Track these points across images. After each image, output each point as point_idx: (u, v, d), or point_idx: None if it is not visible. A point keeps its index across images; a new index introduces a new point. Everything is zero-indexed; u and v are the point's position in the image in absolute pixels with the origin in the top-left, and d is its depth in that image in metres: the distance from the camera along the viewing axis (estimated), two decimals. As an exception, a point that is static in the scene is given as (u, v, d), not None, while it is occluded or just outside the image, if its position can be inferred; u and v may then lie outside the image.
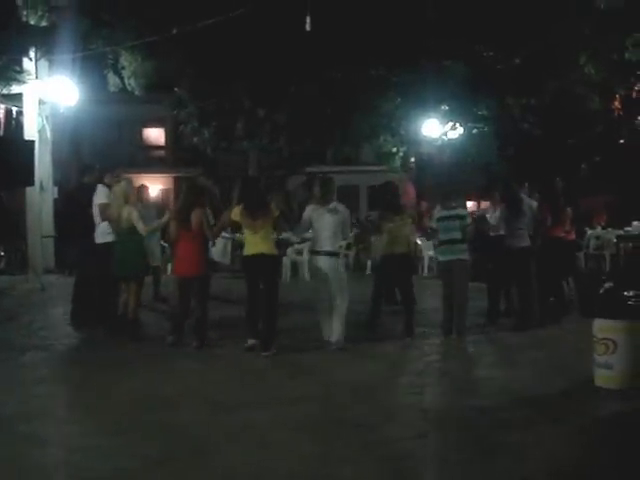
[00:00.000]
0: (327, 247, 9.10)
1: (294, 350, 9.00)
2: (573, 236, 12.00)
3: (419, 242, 17.98)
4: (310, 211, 9.26)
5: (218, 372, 8.19)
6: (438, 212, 10.33)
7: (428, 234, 16.25)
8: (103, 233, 10.26)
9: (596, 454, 5.54)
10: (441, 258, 10.31)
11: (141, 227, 9.64)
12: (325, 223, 9.11)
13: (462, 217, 10.16)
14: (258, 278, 9.04)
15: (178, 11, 19.38)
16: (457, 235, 9.91)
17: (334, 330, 9.06)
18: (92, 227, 10.52)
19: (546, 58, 21.61)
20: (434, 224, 10.32)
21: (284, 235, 12.20)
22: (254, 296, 9.06)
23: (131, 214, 9.64)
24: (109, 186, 10.45)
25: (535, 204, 11.10)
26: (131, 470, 5.20)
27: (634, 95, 24.73)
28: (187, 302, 9.39)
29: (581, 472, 5.23)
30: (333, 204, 9.24)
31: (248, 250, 9.08)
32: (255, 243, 8.98)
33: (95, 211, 10.46)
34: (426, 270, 17.45)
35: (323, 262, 9.10)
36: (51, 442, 5.83)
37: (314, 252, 9.32)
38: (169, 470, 5.23)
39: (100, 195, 10.47)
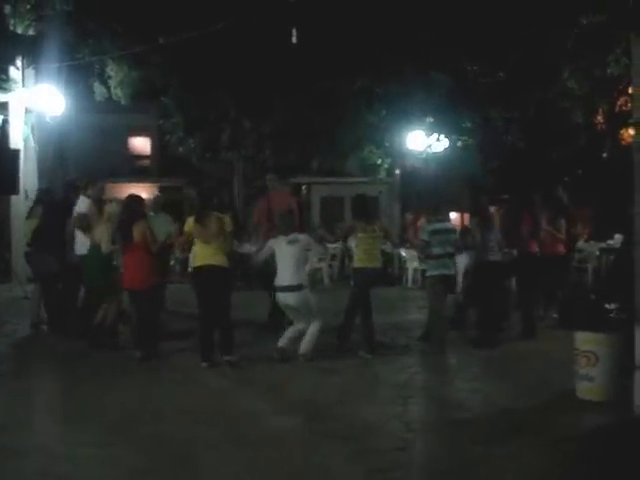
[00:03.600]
0: (291, 281, 8.95)
1: (269, 364, 8.90)
2: (561, 250, 12.03)
3: (403, 254, 18.07)
4: (272, 243, 9.25)
5: (201, 384, 8.18)
6: (430, 225, 9.99)
7: (415, 245, 16.24)
8: (83, 245, 10.29)
9: (577, 466, 5.59)
10: (437, 272, 9.71)
11: (104, 247, 9.73)
12: (285, 254, 9.03)
13: (455, 231, 10.16)
14: (209, 291, 8.87)
15: (165, 21, 19.40)
16: (452, 249, 9.78)
17: (304, 341, 9.02)
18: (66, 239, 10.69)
19: (529, 72, 21.77)
20: (426, 237, 9.78)
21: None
22: (207, 311, 8.91)
23: (103, 234, 9.76)
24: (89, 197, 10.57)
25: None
26: (116, 480, 5.22)
27: (617, 109, 24.95)
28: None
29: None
30: (293, 235, 9.20)
31: (198, 261, 8.93)
32: (205, 255, 8.82)
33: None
34: (410, 282, 17.49)
35: (290, 298, 8.97)
36: (34, 452, 5.81)
37: (279, 288, 9.08)
38: (154, 480, 5.26)
39: (82, 206, 10.49)
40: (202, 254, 8.89)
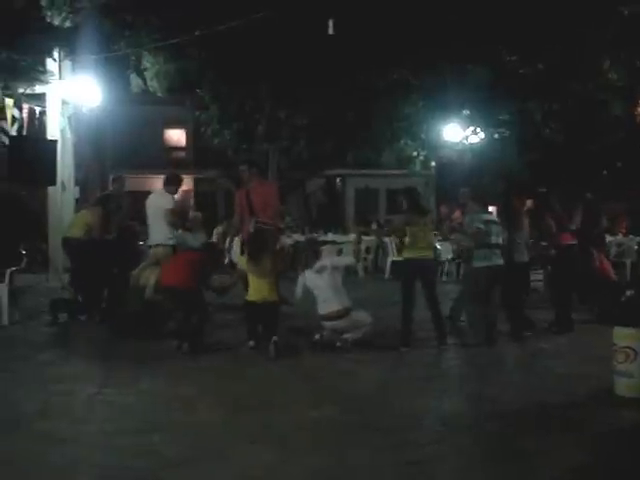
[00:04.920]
0: (334, 307, 9.10)
1: (305, 354, 9.00)
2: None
3: (439, 246, 17.94)
4: (303, 279, 9.45)
5: (235, 373, 8.23)
6: (480, 214, 9.85)
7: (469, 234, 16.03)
8: (164, 238, 10.72)
9: (614, 463, 5.51)
10: (483, 263, 9.64)
11: (148, 293, 10.51)
12: (319, 285, 9.23)
13: (499, 224, 10.02)
14: (259, 321, 9.16)
15: (201, 13, 19.43)
16: (501, 242, 9.77)
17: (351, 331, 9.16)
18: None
19: (569, 63, 21.49)
20: (483, 225, 9.67)
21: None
22: (255, 322, 9.23)
23: (150, 279, 10.47)
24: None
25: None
26: (148, 470, 5.22)
27: (657, 101, 24.58)
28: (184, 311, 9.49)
29: (600, 480, 5.22)
30: (318, 264, 9.41)
31: (252, 295, 9.15)
32: (260, 289, 9.07)
33: (158, 213, 10.79)
34: (444, 275, 17.37)
35: (342, 326, 9.11)
36: (70, 441, 5.84)
37: (324, 317, 9.18)
38: (187, 470, 5.26)
39: (168, 201, 10.89)
40: (256, 288, 9.12)
